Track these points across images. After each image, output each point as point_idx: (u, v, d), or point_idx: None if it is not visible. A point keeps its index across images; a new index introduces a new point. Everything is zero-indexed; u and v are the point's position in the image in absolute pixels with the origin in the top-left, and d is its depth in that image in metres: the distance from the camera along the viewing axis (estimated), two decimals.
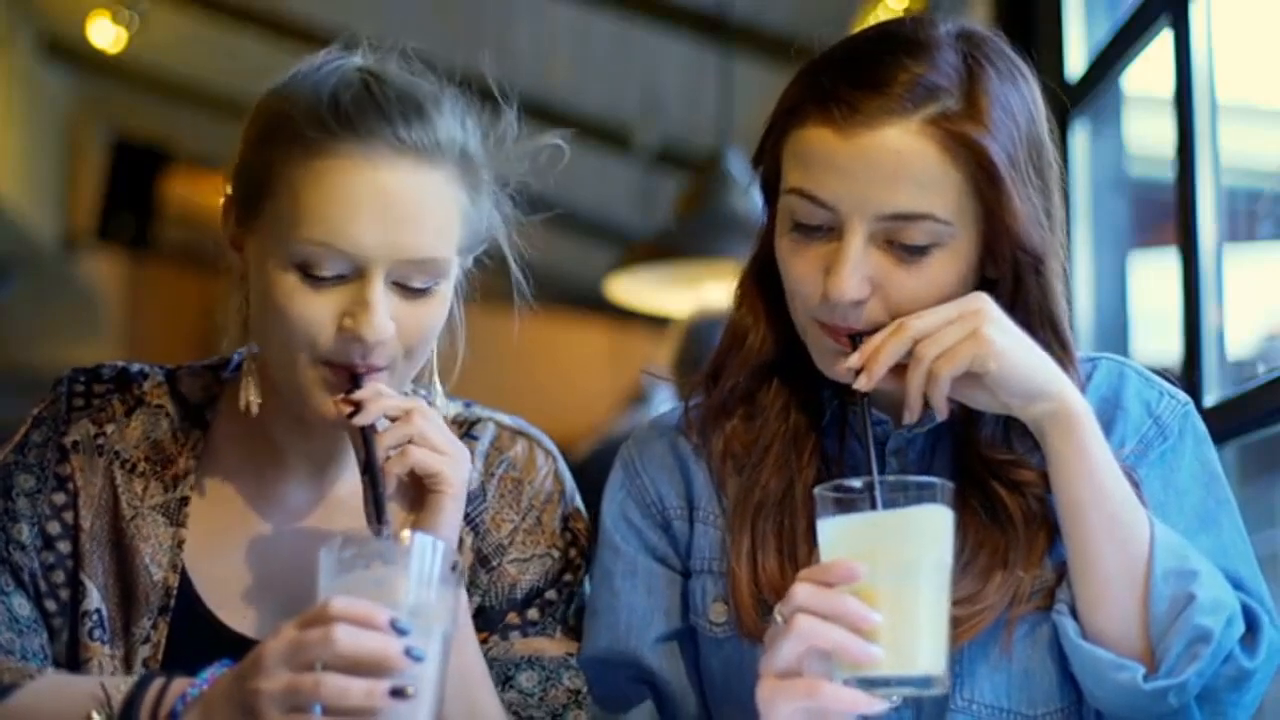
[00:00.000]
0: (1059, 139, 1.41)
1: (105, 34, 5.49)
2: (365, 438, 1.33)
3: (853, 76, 1.31)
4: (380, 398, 1.34)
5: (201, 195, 7.36)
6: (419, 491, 1.36)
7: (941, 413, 1.30)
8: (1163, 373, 1.45)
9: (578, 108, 5.95)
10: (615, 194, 6.59)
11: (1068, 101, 2.96)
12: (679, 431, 1.48)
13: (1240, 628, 1.28)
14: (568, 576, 1.51)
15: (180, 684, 1.27)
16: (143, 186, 7.21)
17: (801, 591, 1.17)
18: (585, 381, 7.98)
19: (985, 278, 1.35)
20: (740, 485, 1.40)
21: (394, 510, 1.34)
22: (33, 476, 1.45)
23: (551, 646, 1.47)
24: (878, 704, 1.15)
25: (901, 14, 3.66)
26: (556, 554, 1.51)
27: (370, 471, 1.33)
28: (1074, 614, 1.30)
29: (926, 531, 1.18)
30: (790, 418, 1.42)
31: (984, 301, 1.29)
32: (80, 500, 1.44)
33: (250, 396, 1.44)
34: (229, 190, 1.43)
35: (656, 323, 5.70)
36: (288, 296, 1.33)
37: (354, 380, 1.35)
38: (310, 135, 1.33)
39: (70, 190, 7.58)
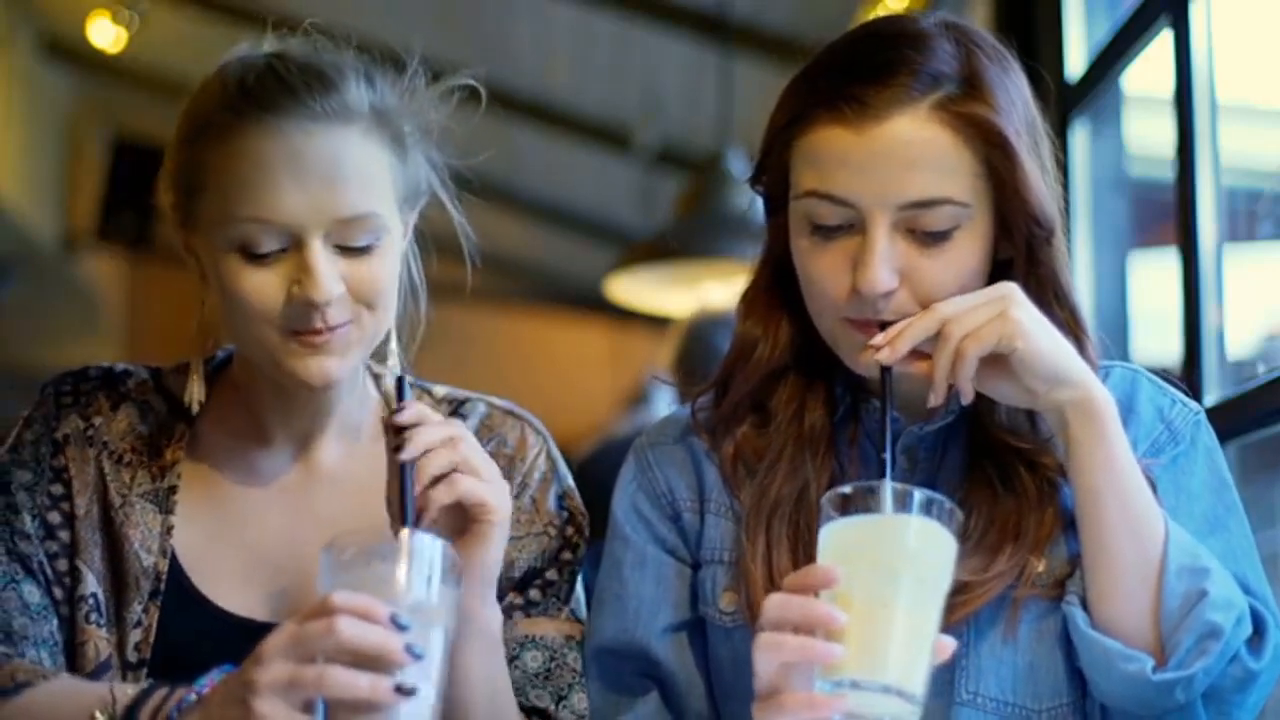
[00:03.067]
0: (1059, 139, 1.42)
1: (105, 34, 5.49)
2: (403, 471, 1.31)
3: (857, 73, 1.32)
4: (424, 428, 1.33)
5: None
6: (460, 520, 1.34)
7: (967, 396, 1.30)
8: (1167, 375, 1.46)
9: (578, 108, 5.95)
10: (615, 194, 6.59)
11: (1067, 101, 2.97)
12: (691, 427, 1.49)
13: (1248, 629, 1.29)
14: (566, 555, 1.52)
15: (185, 691, 1.28)
16: (143, 186, 7.16)
17: (769, 604, 1.18)
18: (585, 381, 7.98)
19: (998, 260, 1.37)
20: (755, 488, 1.41)
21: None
22: (29, 471, 1.48)
23: (554, 627, 1.49)
24: (842, 704, 1.14)
25: (902, 13, 3.66)
26: (553, 532, 1.52)
27: (403, 510, 1.30)
28: (1084, 606, 1.31)
29: (911, 540, 1.17)
30: (803, 421, 1.43)
31: (1012, 288, 1.31)
32: (75, 489, 1.47)
33: (195, 394, 1.49)
34: (169, 199, 1.47)
35: (656, 323, 5.70)
36: (235, 278, 1.37)
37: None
38: (223, 120, 1.39)
39: (70, 190, 7.58)
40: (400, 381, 1.38)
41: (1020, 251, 1.36)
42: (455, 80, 1.51)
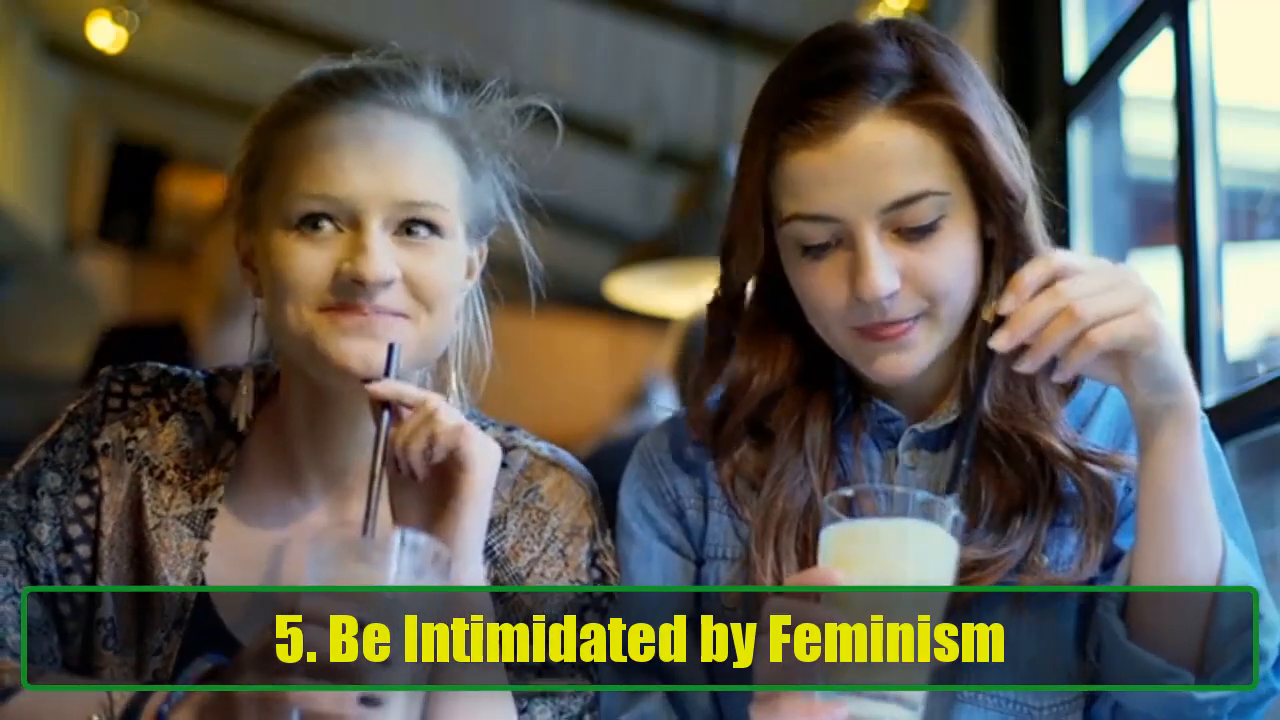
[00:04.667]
0: (1059, 139, 1.43)
1: (105, 34, 5.49)
2: (381, 427, 1.29)
3: (812, 89, 1.34)
4: (397, 386, 1.30)
5: (201, 195, 7.36)
6: (442, 490, 1.31)
7: (1066, 377, 1.25)
8: None
9: (578, 108, 5.94)
10: (615, 194, 6.58)
11: (1067, 101, 2.96)
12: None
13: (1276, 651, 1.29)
14: (591, 615, 1.45)
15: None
16: (143, 186, 7.20)
17: (769, 608, 1.17)
18: (585, 381, 7.98)
19: (985, 240, 1.38)
20: (761, 504, 1.41)
21: (384, 517, 1.29)
22: (60, 476, 1.44)
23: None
24: (840, 710, 1.13)
25: (901, 14, 3.66)
26: (581, 583, 1.45)
27: (372, 467, 1.27)
28: (1119, 614, 1.30)
29: (910, 543, 1.16)
30: (804, 434, 1.43)
31: (1142, 276, 1.26)
32: (104, 505, 1.43)
33: (244, 409, 1.45)
34: (235, 204, 1.44)
35: (656, 323, 5.70)
36: (288, 255, 1.35)
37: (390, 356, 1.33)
38: (298, 105, 1.39)
39: (70, 190, 7.58)
40: (390, 349, 1.32)
41: (1001, 228, 1.36)
42: (531, 100, 1.50)
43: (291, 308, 1.35)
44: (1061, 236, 1.45)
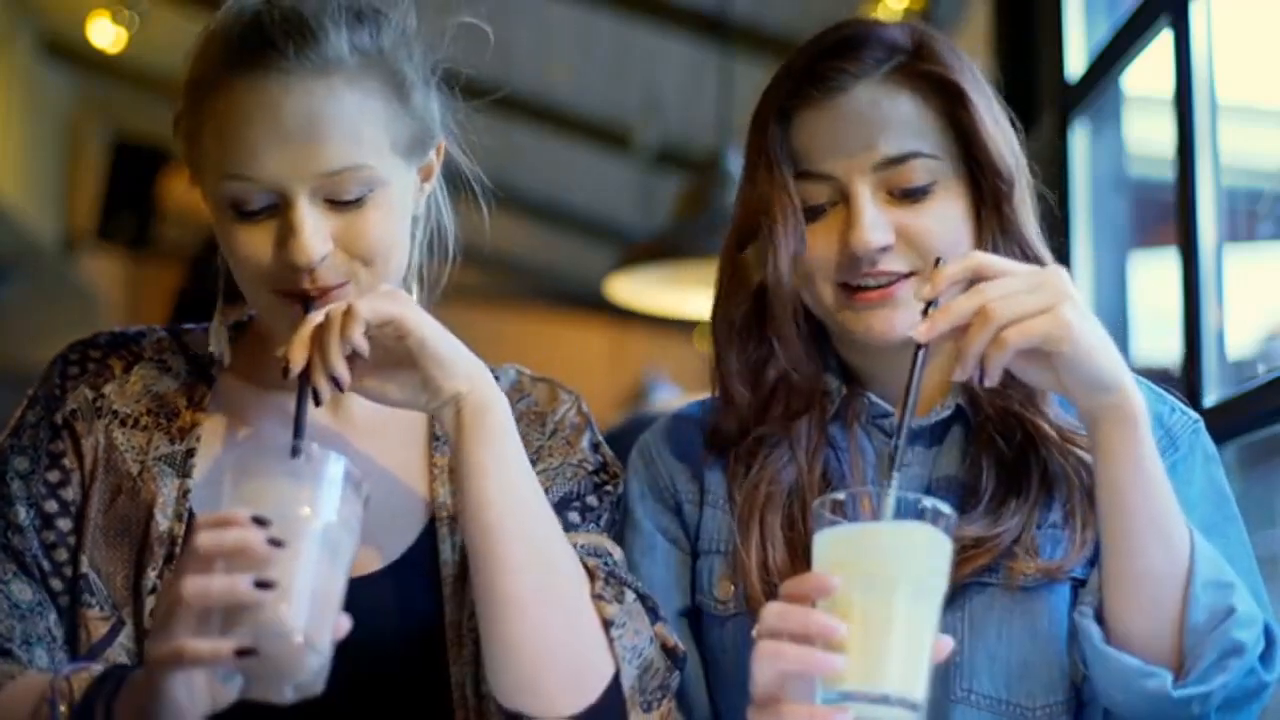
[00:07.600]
0: (1059, 139, 1.45)
1: (105, 34, 5.49)
2: (300, 384, 1.30)
3: (818, 55, 1.40)
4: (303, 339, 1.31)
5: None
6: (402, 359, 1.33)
7: (993, 380, 1.25)
8: (1168, 376, 1.46)
9: (578, 108, 5.95)
10: (615, 194, 6.59)
11: (1067, 101, 2.97)
12: (696, 423, 1.52)
13: (1263, 643, 1.29)
14: (608, 487, 1.50)
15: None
16: (143, 186, 7.21)
17: (767, 613, 1.17)
18: (585, 381, 7.94)
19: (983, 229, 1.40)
20: (748, 481, 1.43)
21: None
22: (26, 458, 1.45)
23: (591, 538, 1.44)
24: (843, 715, 1.12)
25: (901, 14, 3.66)
26: (590, 467, 1.50)
27: (297, 420, 1.28)
28: (1097, 618, 1.30)
29: (904, 546, 1.15)
30: (795, 417, 1.45)
31: (1064, 278, 1.26)
32: (85, 469, 1.43)
33: (220, 347, 1.48)
34: (179, 148, 1.45)
35: (656, 323, 5.70)
36: (228, 234, 1.37)
37: (305, 306, 1.35)
38: (211, 77, 1.37)
39: (70, 190, 7.58)
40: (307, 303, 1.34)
41: (990, 206, 1.40)
42: (455, 19, 1.48)
43: (246, 285, 1.39)
44: (1061, 236, 1.45)
